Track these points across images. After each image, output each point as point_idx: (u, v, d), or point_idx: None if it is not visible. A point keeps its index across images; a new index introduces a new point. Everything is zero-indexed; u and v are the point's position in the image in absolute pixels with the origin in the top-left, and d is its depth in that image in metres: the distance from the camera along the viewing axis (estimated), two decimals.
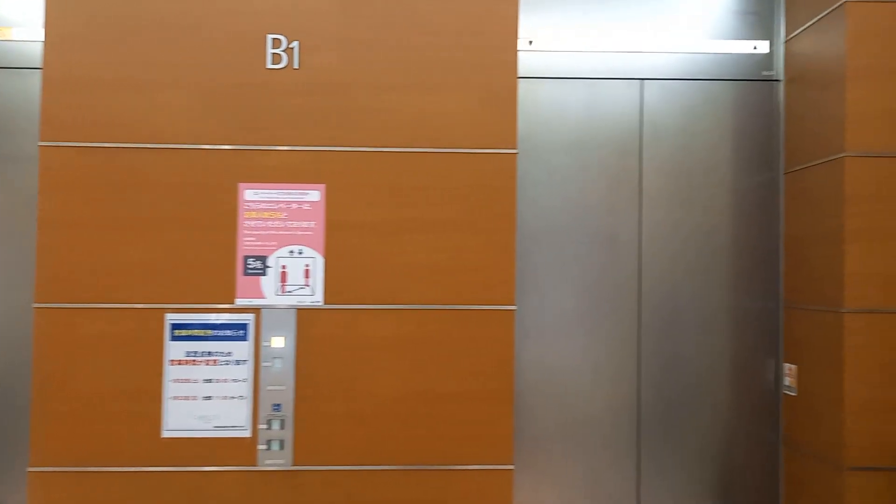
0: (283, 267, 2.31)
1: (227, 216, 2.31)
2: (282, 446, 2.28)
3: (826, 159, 2.48)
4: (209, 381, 2.28)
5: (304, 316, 2.31)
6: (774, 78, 2.82)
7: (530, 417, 2.74)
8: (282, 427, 2.28)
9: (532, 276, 2.76)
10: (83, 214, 2.28)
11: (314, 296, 2.31)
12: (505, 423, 2.32)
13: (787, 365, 2.72)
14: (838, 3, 2.40)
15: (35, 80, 2.55)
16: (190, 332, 2.27)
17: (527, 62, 2.75)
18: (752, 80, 2.82)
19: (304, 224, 2.32)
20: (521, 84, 2.66)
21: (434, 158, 2.35)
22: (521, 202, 2.71)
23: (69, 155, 2.28)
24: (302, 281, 2.31)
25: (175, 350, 2.27)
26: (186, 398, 2.27)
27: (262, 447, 2.27)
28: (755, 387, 2.79)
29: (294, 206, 2.32)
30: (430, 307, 2.34)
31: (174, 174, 2.30)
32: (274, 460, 2.28)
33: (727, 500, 2.78)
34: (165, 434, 2.27)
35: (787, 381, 2.71)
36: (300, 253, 2.32)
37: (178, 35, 2.32)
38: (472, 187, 2.35)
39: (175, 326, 2.27)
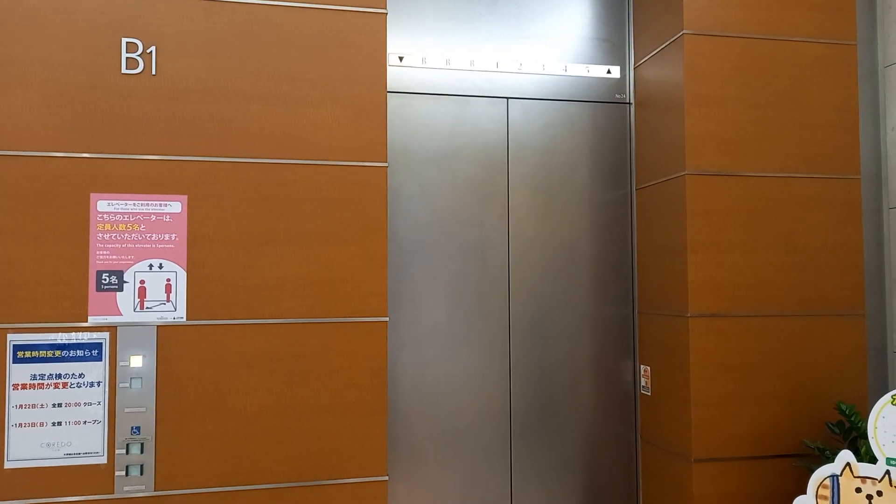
0: (142, 282, 2.19)
1: (77, 228, 2.16)
2: (142, 471, 2.14)
3: (669, 177, 2.70)
4: (59, 405, 2.11)
5: (166, 333, 2.20)
6: (626, 101, 3.04)
7: (405, 427, 2.76)
8: (142, 451, 2.15)
9: (406, 288, 2.79)
10: None
11: (176, 311, 2.21)
12: (379, 434, 2.33)
13: (642, 366, 2.93)
14: (678, 35, 2.64)
15: None
16: (36, 354, 2.09)
17: (398, 77, 2.80)
18: (606, 102, 3.03)
19: (165, 237, 2.22)
20: (393, 98, 2.70)
21: (303, 170, 2.33)
22: (394, 215, 2.74)
23: None
24: (163, 296, 2.20)
25: (18, 373, 2.08)
26: (33, 425, 2.09)
27: (119, 473, 2.13)
28: (615, 388, 2.98)
29: (153, 217, 2.21)
30: (301, 321, 2.30)
31: (16, 182, 2.12)
32: (133, 486, 2.14)
33: (593, 496, 2.93)
34: (9, 465, 2.07)
35: (643, 381, 2.91)
36: (160, 267, 2.21)
37: (21, 32, 2.15)
38: (342, 200, 2.35)
39: (18, 348, 2.09)
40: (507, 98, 2.94)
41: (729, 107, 2.62)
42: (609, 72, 3.01)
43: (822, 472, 2.23)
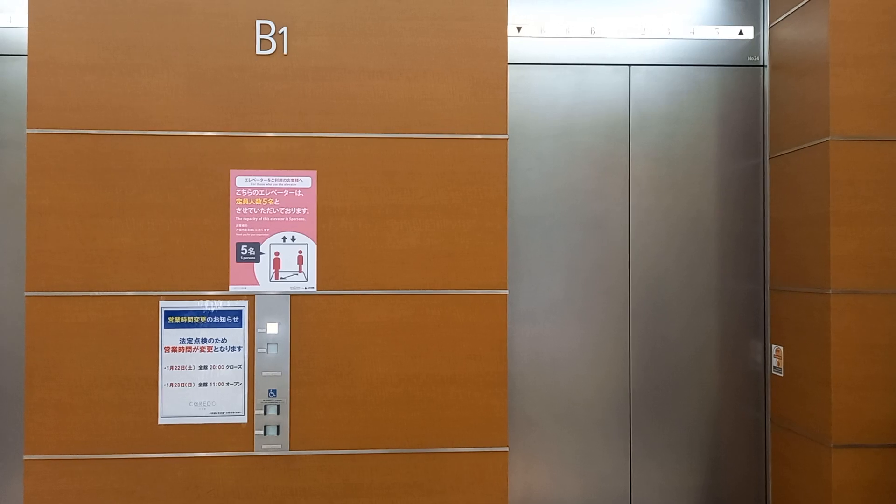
0: (277, 253, 2.31)
1: (218, 203, 2.30)
2: (278, 431, 2.28)
3: (810, 143, 2.52)
4: (204, 367, 2.27)
5: (298, 302, 2.31)
6: (760, 63, 2.86)
7: (523, 400, 2.77)
8: (278, 412, 2.28)
9: (524, 261, 2.78)
10: (72, 202, 2.26)
11: (308, 282, 2.31)
12: (499, 405, 2.35)
13: (774, 346, 2.77)
14: None
15: (21, 66, 2.53)
16: (184, 319, 2.26)
17: (516, 48, 2.76)
18: (737, 65, 2.86)
19: (297, 210, 2.32)
20: (512, 70, 2.67)
21: (425, 144, 2.36)
22: (512, 187, 2.73)
23: (57, 142, 2.26)
24: (295, 267, 2.31)
25: (169, 337, 2.26)
26: (182, 385, 2.27)
27: (258, 432, 2.28)
28: (743, 368, 2.85)
29: (286, 192, 2.32)
30: (424, 292, 2.35)
31: (163, 160, 2.28)
32: (270, 445, 2.28)
33: (716, 478, 2.83)
34: (162, 421, 2.26)
35: (775, 361, 2.76)
36: (293, 239, 2.32)
37: (165, 18, 2.30)
38: (463, 173, 2.36)
39: (169, 314, 2.26)
40: (630, 65, 2.84)
41: (880, 66, 2.40)
42: (741, 33, 2.83)
43: None
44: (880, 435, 2.40)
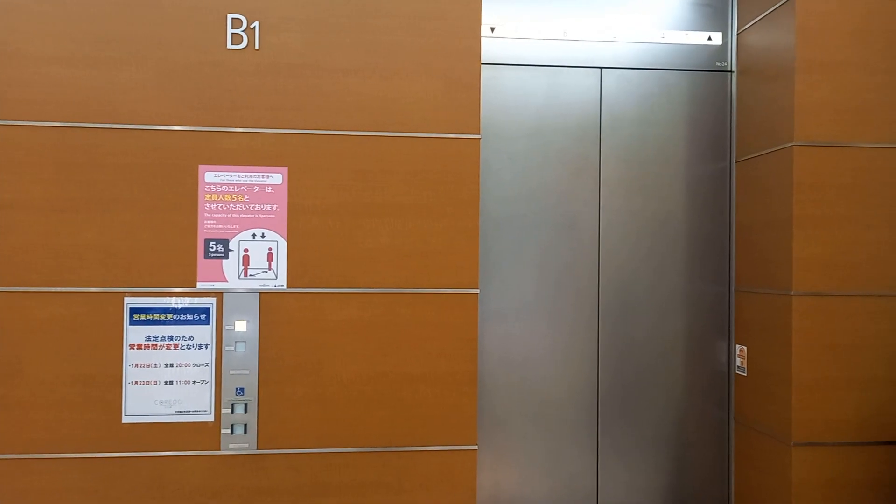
0: (246, 250, 2.29)
1: (186, 198, 2.27)
2: (245, 430, 2.26)
3: (775, 148, 2.57)
4: (171, 365, 2.24)
5: (268, 300, 2.29)
6: (727, 69, 2.91)
7: (492, 399, 2.78)
8: (245, 411, 2.27)
9: (495, 261, 2.79)
10: (36, 196, 2.21)
11: (277, 279, 2.29)
12: (469, 404, 2.36)
13: (738, 346, 2.83)
14: None
15: None
16: (150, 317, 2.23)
17: (489, 49, 2.77)
18: (706, 70, 2.91)
19: (267, 207, 2.30)
20: (484, 70, 2.68)
21: (398, 142, 2.36)
22: (484, 187, 2.74)
23: (21, 134, 2.21)
24: (265, 265, 2.29)
25: (135, 335, 2.23)
26: (147, 383, 2.23)
27: (225, 431, 2.26)
28: (708, 367, 2.90)
29: (256, 188, 2.30)
30: (395, 291, 2.35)
31: (131, 155, 2.25)
32: (238, 444, 2.26)
33: (681, 476, 2.88)
34: (126, 420, 2.23)
35: (739, 361, 2.81)
36: (263, 236, 2.30)
37: (134, 11, 2.26)
38: (435, 172, 2.37)
39: (134, 311, 2.23)
40: (601, 68, 2.87)
41: (845, 73, 2.46)
42: (710, 38, 2.88)
43: None
44: (839, 433, 2.46)
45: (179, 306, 2.25)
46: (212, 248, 2.27)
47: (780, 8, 2.55)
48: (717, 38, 2.89)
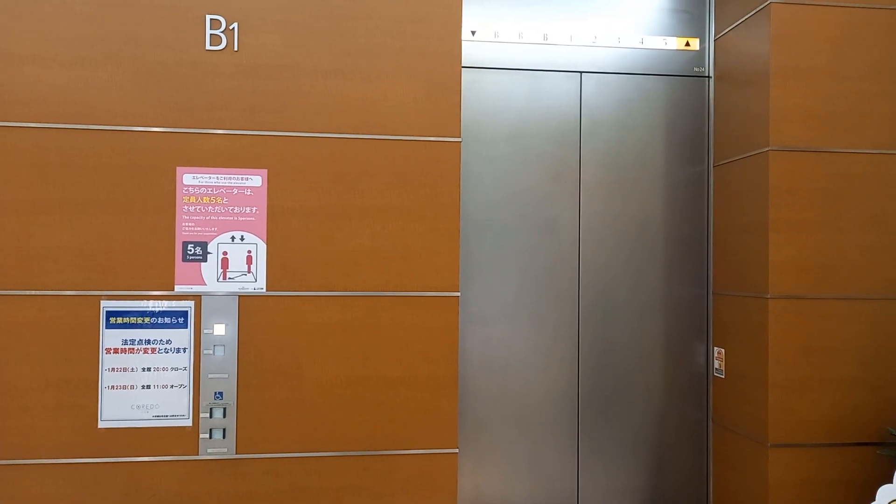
0: (225, 253, 2.26)
1: (164, 200, 2.24)
2: (224, 435, 2.24)
3: (751, 153, 2.61)
4: (148, 369, 2.21)
5: (247, 303, 2.27)
6: (705, 74, 2.94)
7: (473, 402, 2.78)
8: (224, 415, 2.24)
9: (475, 264, 2.80)
10: (9, 197, 2.17)
11: (257, 282, 2.28)
12: (450, 407, 2.36)
13: (716, 348, 2.86)
14: (764, 4, 2.53)
15: None
16: (127, 320, 2.20)
17: (470, 52, 2.78)
18: (684, 75, 2.94)
19: (246, 210, 2.28)
20: (465, 73, 2.69)
21: (378, 145, 2.35)
22: (464, 191, 2.74)
23: None
24: (244, 267, 2.27)
25: (111, 338, 2.20)
26: (124, 387, 2.20)
27: (203, 436, 2.23)
28: (686, 370, 2.92)
29: (235, 191, 2.28)
30: (375, 294, 2.34)
31: (107, 156, 2.22)
32: (216, 449, 2.24)
33: (660, 478, 2.90)
34: (102, 424, 2.19)
35: (717, 363, 2.84)
36: (242, 239, 2.28)
37: (110, 10, 2.23)
38: (416, 175, 2.36)
39: (111, 314, 2.20)
40: (581, 72, 2.89)
41: (819, 79, 2.50)
42: (688, 44, 2.91)
43: None
44: (814, 434, 2.50)
45: (157, 309, 2.22)
46: (190, 250, 2.25)
47: (756, 15, 2.59)
48: (694, 44, 2.92)
